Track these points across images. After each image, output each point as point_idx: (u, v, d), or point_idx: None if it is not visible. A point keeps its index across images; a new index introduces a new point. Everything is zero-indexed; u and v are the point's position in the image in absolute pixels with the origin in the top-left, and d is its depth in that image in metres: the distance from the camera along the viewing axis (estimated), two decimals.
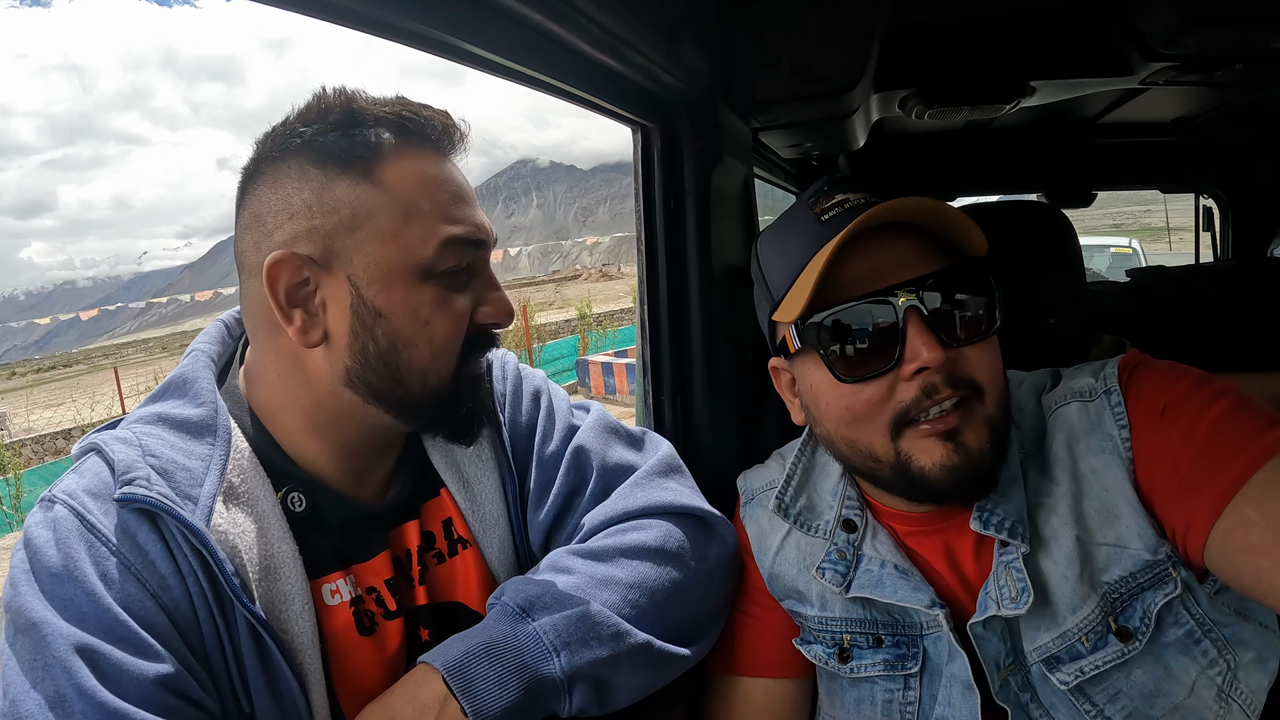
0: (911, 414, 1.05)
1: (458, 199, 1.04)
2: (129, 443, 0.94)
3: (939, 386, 1.03)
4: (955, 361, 1.04)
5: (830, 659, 1.21)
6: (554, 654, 0.99)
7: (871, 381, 1.06)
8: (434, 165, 1.03)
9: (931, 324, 1.03)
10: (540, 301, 39.40)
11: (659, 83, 1.36)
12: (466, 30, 0.95)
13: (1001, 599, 1.06)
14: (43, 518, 0.89)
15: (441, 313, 1.03)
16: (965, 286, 1.07)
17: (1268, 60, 1.83)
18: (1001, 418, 1.08)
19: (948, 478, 1.05)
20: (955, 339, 1.05)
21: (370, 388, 1.03)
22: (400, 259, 0.99)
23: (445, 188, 1.03)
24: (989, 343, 1.08)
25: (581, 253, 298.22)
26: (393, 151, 1.00)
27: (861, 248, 1.07)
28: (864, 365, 1.06)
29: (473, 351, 1.09)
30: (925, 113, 1.99)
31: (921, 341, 1.02)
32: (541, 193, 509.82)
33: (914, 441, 1.06)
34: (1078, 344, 1.62)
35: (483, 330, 1.09)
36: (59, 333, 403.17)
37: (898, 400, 1.05)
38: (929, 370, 1.02)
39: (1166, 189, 4.34)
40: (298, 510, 1.03)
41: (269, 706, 0.92)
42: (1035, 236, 1.62)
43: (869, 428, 1.09)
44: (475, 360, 1.11)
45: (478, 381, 1.13)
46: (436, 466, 1.19)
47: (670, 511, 1.21)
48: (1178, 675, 1.02)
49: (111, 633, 0.83)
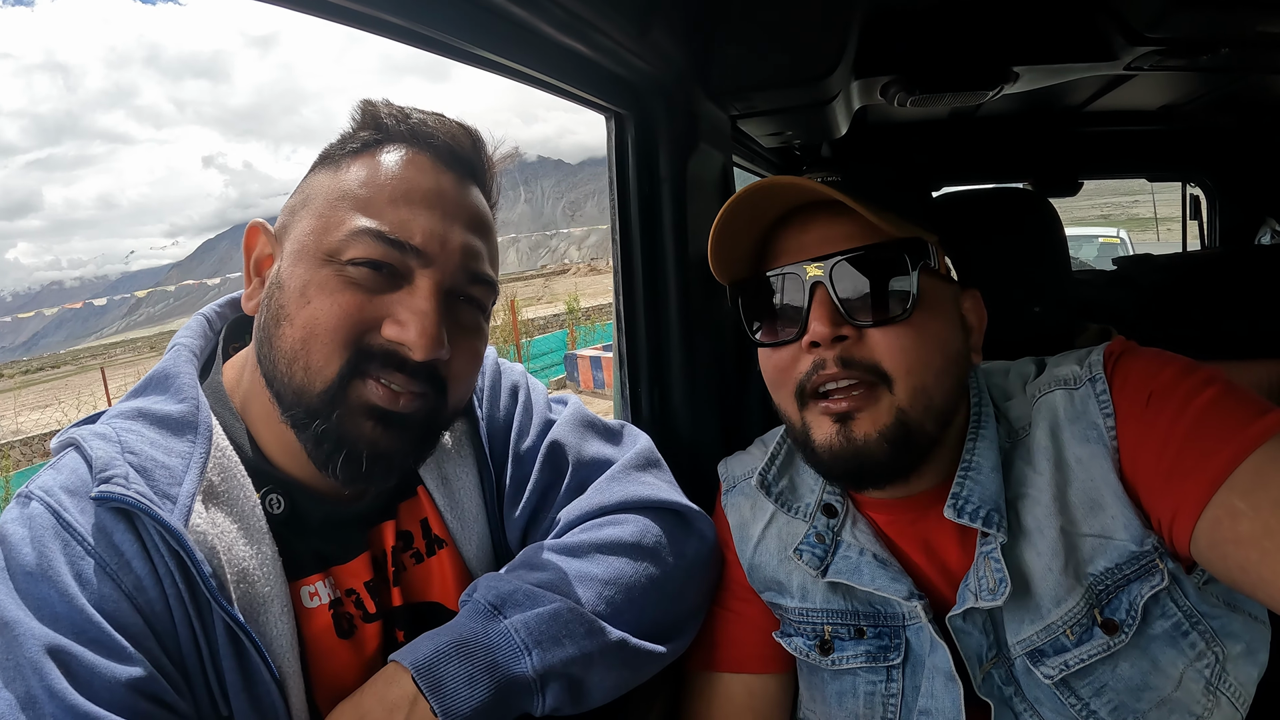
0: (809, 386, 1.08)
1: (403, 197, 0.99)
2: (108, 439, 0.93)
3: (827, 363, 1.06)
4: (855, 342, 1.06)
5: (811, 651, 1.20)
6: (525, 652, 0.98)
7: (780, 349, 1.12)
8: (406, 166, 1.01)
9: (836, 300, 1.06)
10: (528, 296, 39.44)
11: (631, 68, 1.34)
12: (432, 18, 0.94)
13: (980, 591, 1.05)
14: (19, 514, 0.87)
15: (327, 298, 0.95)
16: (881, 268, 1.07)
17: (1254, 44, 1.82)
18: (919, 411, 1.06)
19: (829, 458, 1.08)
20: (859, 319, 1.06)
21: (261, 366, 1.01)
22: (314, 239, 0.98)
23: (396, 183, 0.99)
24: (907, 329, 1.06)
25: (569, 247, 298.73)
26: (372, 148, 1.01)
27: (797, 224, 1.13)
28: (772, 332, 1.15)
29: (365, 366, 0.97)
30: (907, 100, 1.97)
31: (815, 316, 1.05)
32: (529, 187, 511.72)
33: (813, 414, 1.09)
34: (1063, 332, 1.61)
35: (386, 348, 0.97)
36: (46, 333, 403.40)
37: (798, 370, 1.09)
38: (821, 346, 1.05)
39: (1153, 177, 4.36)
40: (276, 512, 1.01)
41: (247, 710, 0.90)
42: (1021, 225, 1.61)
43: (782, 392, 1.13)
44: (367, 382, 0.97)
45: (365, 412, 0.97)
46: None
47: (647, 506, 1.20)
48: (1165, 668, 1.01)
49: (84, 634, 0.81)
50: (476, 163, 1.08)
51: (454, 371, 1.03)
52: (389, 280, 0.98)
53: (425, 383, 1.00)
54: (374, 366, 0.97)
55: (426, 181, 1.01)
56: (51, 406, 23.95)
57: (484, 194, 1.10)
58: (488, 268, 1.05)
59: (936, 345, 1.07)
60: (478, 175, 1.08)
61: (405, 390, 0.98)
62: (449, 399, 1.05)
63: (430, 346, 0.96)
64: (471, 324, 1.06)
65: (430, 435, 1.06)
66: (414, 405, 0.99)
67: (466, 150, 1.05)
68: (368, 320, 0.96)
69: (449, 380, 1.03)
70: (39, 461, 16.67)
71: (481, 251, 1.04)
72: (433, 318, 0.97)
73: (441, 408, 1.04)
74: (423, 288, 0.98)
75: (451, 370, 1.03)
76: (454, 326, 1.01)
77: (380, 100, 1.05)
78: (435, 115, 1.05)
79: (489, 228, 1.08)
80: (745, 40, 1.58)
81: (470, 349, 1.06)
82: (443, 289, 0.99)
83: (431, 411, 1.02)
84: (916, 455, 1.08)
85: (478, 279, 1.04)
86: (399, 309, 0.97)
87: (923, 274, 1.07)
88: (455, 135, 1.05)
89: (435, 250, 0.98)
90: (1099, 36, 1.78)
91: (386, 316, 0.97)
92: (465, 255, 1.01)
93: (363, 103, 1.05)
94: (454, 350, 1.01)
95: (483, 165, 1.09)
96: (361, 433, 0.97)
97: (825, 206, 1.11)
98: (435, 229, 0.99)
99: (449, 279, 1.00)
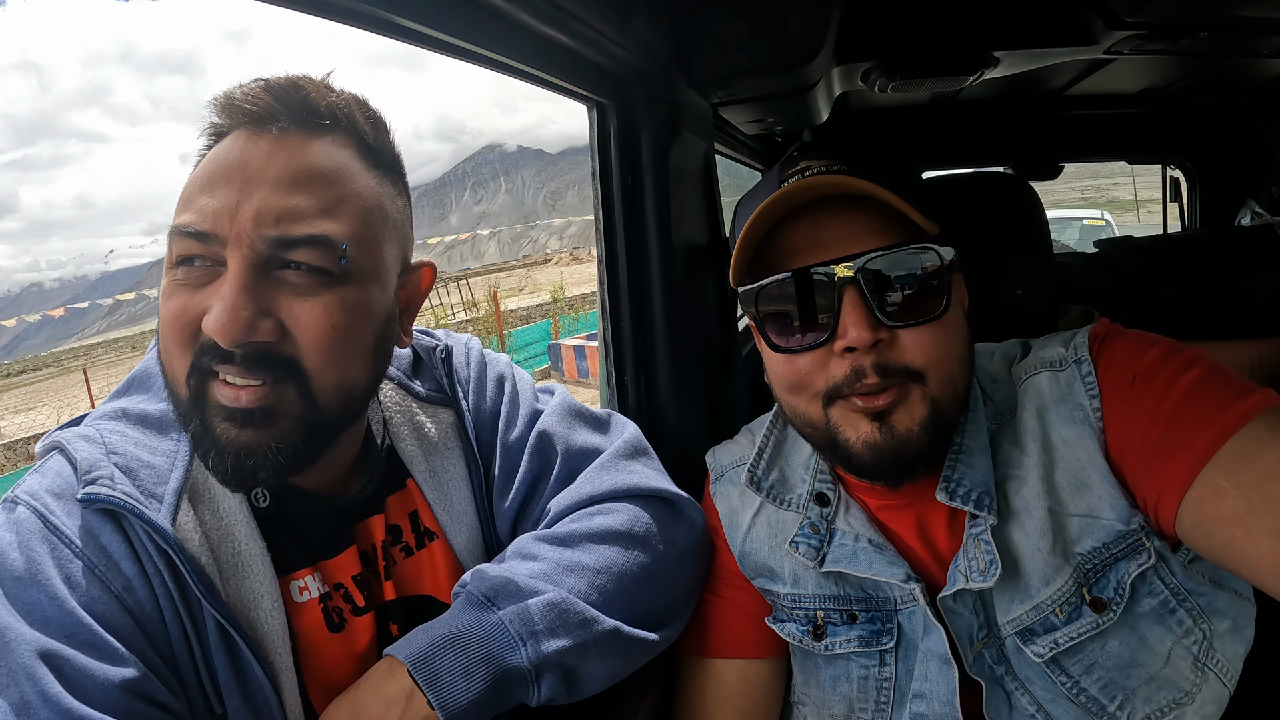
0: (844, 390, 1.05)
1: (206, 184, 0.91)
2: (92, 440, 0.92)
3: (867, 371, 1.02)
4: (889, 345, 1.03)
5: (804, 636, 1.21)
6: (520, 643, 0.98)
7: (805, 354, 1.07)
8: (220, 150, 0.94)
9: (867, 302, 1.02)
10: (511, 287, 39.27)
11: (612, 58, 1.34)
12: (410, 9, 0.93)
13: (970, 572, 1.05)
14: (5, 520, 0.87)
15: (164, 304, 0.91)
16: (911, 266, 1.05)
17: (1232, 28, 1.83)
18: (949, 398, 1.06)
19: (871, 455, 1.05)
20: (894, 320, 1.03)
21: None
22: (167, 254, 0.94)
23: (203, 172, 0.92)
24: (939, 326, 1.05)
25: (550, 237, 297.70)
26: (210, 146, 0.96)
27: (810, 218, 1.07)
28: (797, 337, 1.08)
29: (206, 364, 0.91)
30: (888, 85, 1.97)
31: (852, 320, 1.01)
32: (510, 178, 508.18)
33: (844, 414, 1.06)
34: (1046, 315, 1.62)
35: (208, 342, 0.89)
36: (27, 336, 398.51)
37: (830, 374, 1.06)
38: (859, 351, 1.02)
39: (1133, 160, 4.38)
40: (262, 507, 1.01)
41: (241, 707, 0.90)
42: (1002, 208, 1.62)
43: (804, 396, 1.09)
44: (216, 383, 0.91)
45: (218, 414, 0.91)
46: (403, 457, 1.17)
47: (637, 494, 1.20)
48: (1153, 645, 1.02)
49: (76, 637, 0.81)
50: (295, 109, 0.95)
51: (302, 348, 0.92)
52: (211, 272, 0.91)
53: (263, 370, 0.91)
54: (209, 362, 0.90)
55: (230, 157, 0.92)
56: (34, 410, 23.78)
57: (342, 138, 0.99)
58: (310, 225, 0.92)
59: (959, 335, 1.08)
60: (304, 120, 0.95)
61: (248, 384, 0.90)
62: (313, 381, 0.94)
63: (228, 331, 0.87)
64: (310, 290, 0.93)
65: (308, 425, 0.95)
66: (260, 398, 0.91)
67: (271, 105, 0.94)
68: (193, 318, 0.90)
69: (300, 359, 0.93)
70: (24, 465, 16.55)
71: (297, 208, 0.91)
72: (229, 300, 0.87)
73: (306, 393, 0.94)
74: (230, 271, 0.89)
75: (299, 347, 0.92)
76: (283, 300, 0.91)
77: (220, 93, 0.96)
78: (249, 85, 0.95)
79: (318, 177, 0.94)
80: (726, 27, 1.58)
81: (315, 318, 0.92)
82: (250, 265, 0.89)
83: (291, 401, 0.93)
84: (946, 441, 1.09)
85: (293, 242, 0.91)
86: (212, 299, 0.89)
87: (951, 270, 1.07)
88: (255, 96, 0.94)
89: (225, 227, 0.89)
90: (1079, 21, 1.78)
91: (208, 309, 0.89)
92: (263, 221, 0.89)
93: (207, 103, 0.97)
94: (292, 325, 0.92)
95: (307, 105, 0.96)
96: (222, 434, 0.91)
97: (840, 199, 1.07)
98: (223, 204, 0.89)
99: (252, 252, 0.89)
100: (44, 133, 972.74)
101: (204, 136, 0.97)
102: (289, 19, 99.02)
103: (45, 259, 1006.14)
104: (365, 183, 0.99)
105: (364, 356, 1.00)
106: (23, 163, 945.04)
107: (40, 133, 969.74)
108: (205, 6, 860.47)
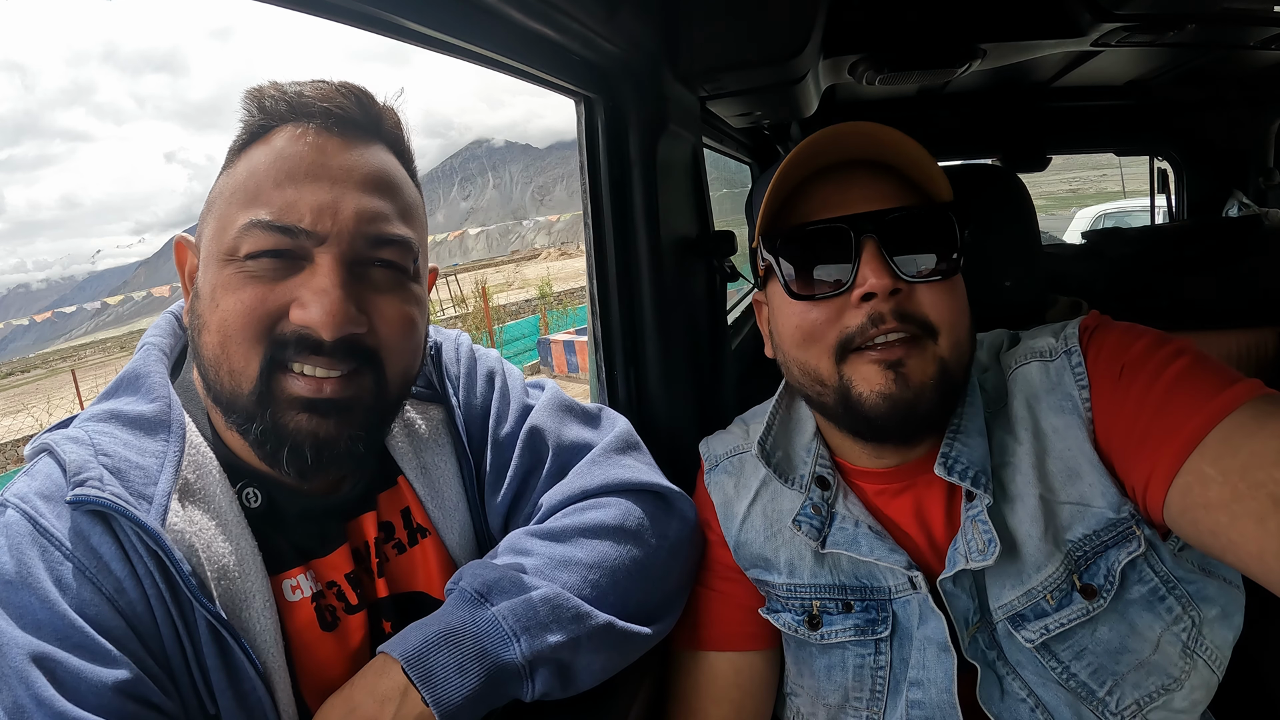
0: (857, 341, 1.07)
1: (286, 178, 0.94)
2: (81, 442, 0.91)
3: (885, 317, 1.06)
4: (907, 296, 1.07)
5: (800, 626, 1.22)
6: (514, 639, 0.98)
7: (822, 302, 1.10)
8: (290, 144, 0.96)
9: (886, 254, 1.06)
10: (500, 282, 39.18)
11: (599, 52, 1.33)
12: (396, 4, 0.93)
13: (970, 552, 1.06)
14: None
15: (231, 296, 0.93)
16: (927, 226, 1.09)
17: (1218, 19, 1.84)
18: (956, 363, 1.09)
19: (885, 406, 1.07)
20: (910, 274, 1.07)
21: (201, 378, 1.01)
22: (215, 242, 0.96)
23: (279, 166, 0.95)
24: (948, 285, 1.09)
25: (539, 233, 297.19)
26: (260, 136, 0.98)
27: (835, 180, 1.13)
28: (816, 285, 1.11)
29: (282, 357, 0.94)
30: (876, 78, 1.97)
31: (871, 269, 1.05)
32: (497, 173, 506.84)
33: (857, 367, 1.09)
34: (1034, 306, 1.62)
35: (299, 333, 0.94)
36: (14, 338, 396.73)
37: (844, 324, 1.09)
38: (877, 299, 1.05)
39: (1121, 151, 4.40)
40: (254, 506, 1.00)
41: (234, 707, 0.90)
42: (990, 200, 1.62)
43: (816, 348, 1.12)
44: (290, 375, 0.95)
45: (295, 405, 0.95)
46: (394, 454, 1.17)
47: (628, 489, 1.20)
48: (1143, 632, 1.03)
49: (68, 640, 0.80)
50: (365, 119, 1.01)
51: (383, 340, 0.99)
52: (290, 265, 0.94)
53: (350, 360, 0.96)
54: (291, 355, 0.94)
55: (309, 154, 0.95)
56: (23, 412, 23.64)
57: (388, 147, 1.04)
58: (396, 227, 1.00)
59: (966, 305, 1.11)
60: (371, 131, 1.02)
61: (330, 375, 0.95)
62: (387, 371, 1.01)
63: (336, 323, 0.92)
64: (391, 287, 1.01)
65: (377, 414, 1.02)
66: (343, 389, 0.96)
67: (351, 110, 0.99)
68: (274, 310, 0.93)
69: (380, 351, 0.99)
70: (13, 468, 16.47)
71: (384, 211, 0.98)
72: (334, 294, 0.92)
73: (381, 382, 1.00)
74: (323, 265, 0.94)
75: (380, 340, 0.99)
76: (370, 295, 0.98)
77: (266, 84, 1.00)
78: (315, 83, 0.99)
79: (392, 183, 1.01)
80: (714, 21, 1.58)
81: (396, 313, 1.01)
82: (346, 261, 0.95)
83: (368, 390, 0.99)
84: (951, 407, 1.12)
85: (385, 241, 0.98)
86: (303, 292, 0.93)
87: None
88: (332, 97, 0.98)
89: (327, 225, 0.94)
90: (1066, 13, 1.79)
91: (292, 301, 0.94)
92: (363, 220, 0.96)
93: (249, 91, 1.00)
94: (376, 318, 0.98)
95: (376, 118, 1.03)
96: (298, 426, 0.95)
97: (863, 165, 1.13)
98: (323, 202, 0.94)
99: (350, 249, 0.96)
100: (28, 132, 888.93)
101: (248, 128, 0.99)
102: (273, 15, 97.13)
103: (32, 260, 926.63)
104: (413, 190, 1.06)
105: (418, 350, 1.09)
106: (7, 163, 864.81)
107: (24, 132, 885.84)
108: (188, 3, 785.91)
